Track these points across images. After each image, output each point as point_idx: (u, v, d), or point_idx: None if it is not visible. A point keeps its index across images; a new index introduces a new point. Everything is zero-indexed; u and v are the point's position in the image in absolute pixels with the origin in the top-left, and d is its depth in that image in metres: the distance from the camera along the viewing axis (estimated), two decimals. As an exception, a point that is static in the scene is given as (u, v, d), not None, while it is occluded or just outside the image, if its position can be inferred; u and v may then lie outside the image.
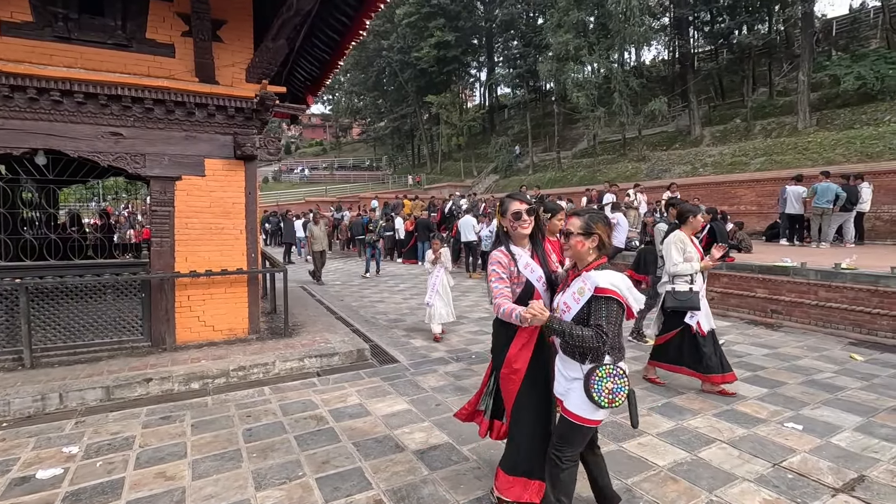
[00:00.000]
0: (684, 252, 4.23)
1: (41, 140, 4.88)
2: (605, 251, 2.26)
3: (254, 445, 3.45)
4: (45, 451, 3.41)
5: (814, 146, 16.58)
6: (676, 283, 4.28)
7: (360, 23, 6.12)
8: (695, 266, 4.20)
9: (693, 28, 26.28)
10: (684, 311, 4.27)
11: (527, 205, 2.48)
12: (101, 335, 5.22)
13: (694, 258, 4.22)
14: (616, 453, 3.25)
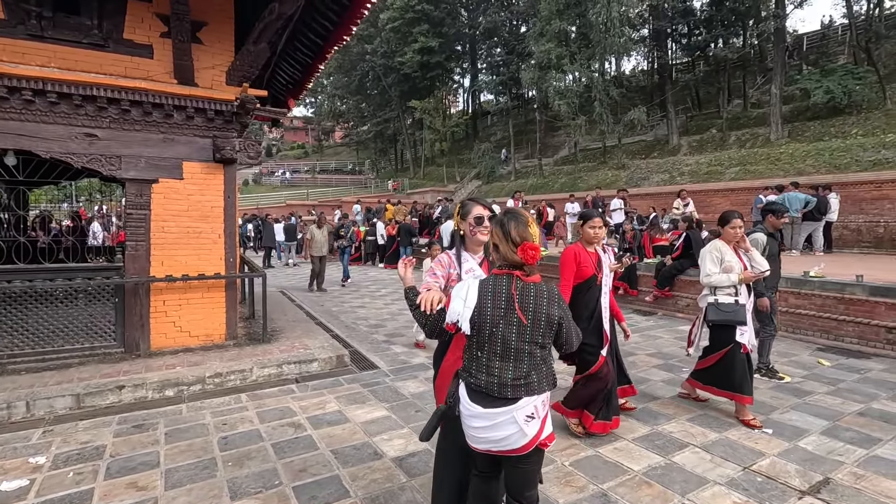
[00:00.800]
0: (721, 262, 3.89)
1: (11, 140, 4.74)
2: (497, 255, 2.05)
3: (229, 454, 3.40)
4: (11, 462, 3.30)
5: (785, 157, 17.12)
6: (720, 295, 3.89)
7: (344, 29, 6.13)
8: (732, 278, 3.83)
9: (671, 40, 26.95)
10: (731, 325, 3.83)
11: (489, 211, 2.35)
12: (71, 341, 5.08)
13: (735, 268, 3.86)
14: (592, 458, 3.30)
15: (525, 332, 1.88)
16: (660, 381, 4.89)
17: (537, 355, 1.91)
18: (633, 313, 8.34)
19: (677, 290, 8.09)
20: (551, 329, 1.91)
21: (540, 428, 1.90)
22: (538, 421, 1.89)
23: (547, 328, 1.89)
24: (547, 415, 1.95)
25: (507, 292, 1.89)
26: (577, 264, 3.55)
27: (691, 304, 7.86)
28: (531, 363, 1.90)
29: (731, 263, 3.88)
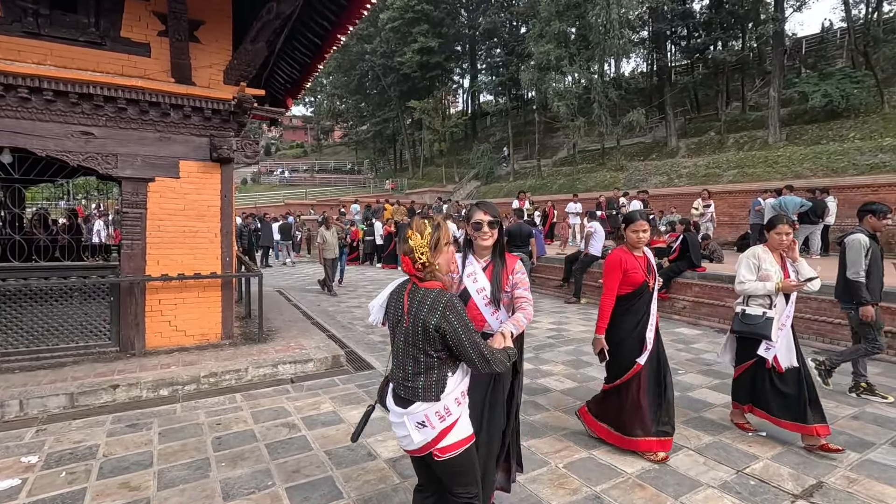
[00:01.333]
0: (759, 269, 3.56)
1: (7, 138, 4.72)
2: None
3: (223, 454, 3.39)
4: (3, 461, 3.29)
5: (783, 160, 17.16)
6: (750, 305, 3.59)
7: (342, 28, 6.12)
8: (768, 286, 3.48)
9: (670, 42, 27.01)
10: (755, 339, 3.55)
11: (490, 216, 2.36)
12: (66, 340, 5.07)
13: (772, 277, 3.50)
14: (586, 461, 3.30)
15: (409, 335, 1.90)
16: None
17: (421, 361, 1.89)
18: (629, 315, 8.34)
19: (674, 293, 8.10)
20: (428, 337, 1.84)
21: (434, 439, 1.89)
22: (430, 430, 1.89)
23: (424, 335, 1.85)
24: (446, 430, 1.90)
25: (402, 295, 1.96)
26: (623, 271, 3.29)
27: (688, 307, 7.88)
28: (416, 368, 1.90)
29: (768, 272, 3.53)
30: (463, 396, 1.98)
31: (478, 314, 2.38)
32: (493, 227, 2.38)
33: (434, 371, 1.90)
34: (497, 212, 2.41)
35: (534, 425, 3.86)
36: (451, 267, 2.03)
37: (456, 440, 1.91)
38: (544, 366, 5.47)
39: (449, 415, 1.90)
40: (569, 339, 6.69)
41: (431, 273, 1.91)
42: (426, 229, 1.90)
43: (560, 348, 6.19)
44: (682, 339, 6.73)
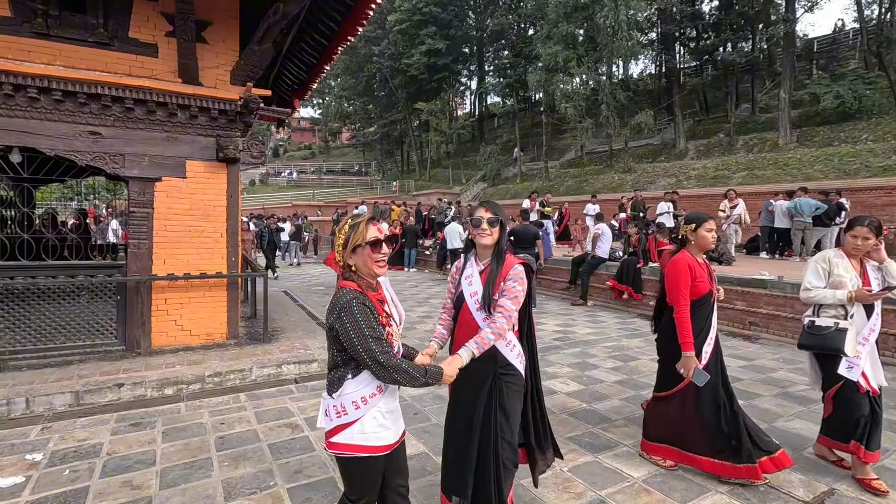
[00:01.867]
0: (830, 275, 3.08)
1: (16, 137, 4.77)
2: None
3: (226, 454, 3.38)
4: (7, 459, 3.30)
5: (794, 162, 16.97)
6: (819, 315, 3.15)
7: (349, 29, 6.13)
8: (839, 295, 3.00)
9: (679, 44, 26.84)
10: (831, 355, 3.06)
11: (491, 214, 2.28)
12: (73, 338, 5.10)
13: (846, 284, 3.02)
14: (592, 465, 3.25)
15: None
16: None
17: (331, 357, 1.91)
18: (636, 317, 8.27)
19: (682, 295, 8.00)
20: (332, 334, 1.81)
21: (330, 431, 1.88)
22: (329, 422, 1.88)
23: (329, 332, 1.84)
24: (339, 427, 1.85)
25: None
26: (692, 278, 2.99)
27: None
28: (330, 363, 1.93)
29: (842, 278, 3.04)
30: (364, 402, 1.84)
31: (470, 318, 2.32)
32: (493, 225, 2.29)
33: (338, 369, 1.87)
34: (500, 211, 2.34)
35: (538, 428, 3.81)
36: (373, 269, 1.86)
37: (346, 442, 1.83)
38: (550, 368, 5.42)
39: (344, 414, 1.83)
40: (575, 341, 6.63)
41: (348, 272, 1.87)
42: (345, 228, 1.86)
43: (566, 350, 6.13)
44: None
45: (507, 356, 2.32)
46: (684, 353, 2.97)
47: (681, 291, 2.99)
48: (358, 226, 1.84)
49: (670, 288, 3.08)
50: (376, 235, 1.83)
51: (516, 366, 2.35)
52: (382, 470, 1.93)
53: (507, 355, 2.32)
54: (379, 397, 1.87)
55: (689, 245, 3.12)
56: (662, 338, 3.28)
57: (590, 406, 4.30)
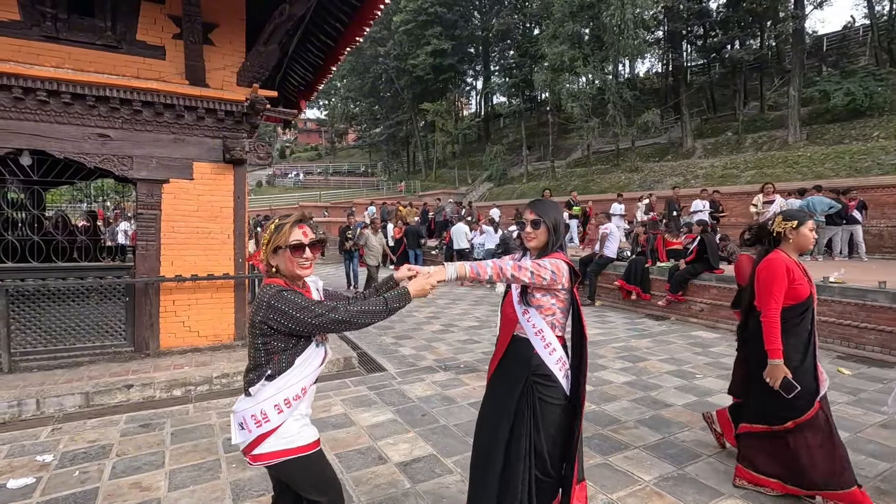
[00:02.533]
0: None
1: (26, 140, 4.80)
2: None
3: (234, 456, 3.37)
4: (18, 460, 3.32)
5: (804, 160, 16.77)
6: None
7: (356, 30, 6.13)
8: None
9: (686, 42, 26.64)
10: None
11: (534, 215, 2.16)
12: (82, 339, 5.12)
13: None
14: (602, 467, 3.21)
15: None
16: (672, 387, 4.77)
17: (251, 357, 1.81)
18: (645, 318, 8.20)
19: (690, 295, 7.93)
20: (258, 330, 1.74)
21: (251, 443, 1.76)
22: (248, 434, 1.76)
23: (253, 330, 1.77)
24: (260, 438, 1.74)
25: None
26: (789, 280, 2.71)
27: (705, 309, 7.70)
28: (249, 364, 1.83)
29: None
30: (287, 405, 1.76)
31: (511, 312, 2.20)
32: (536, 227, 2.14)
33: (259, 369, 1.77)
34: (546, 211, 2.16)
35: (547, 430, 3.78)
36: (295, 271, 1.80)
37: (271, 450, 1.75)
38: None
39: (266, 421, 1.74)
40: (583, 342, 6.58)
41: (271, 272, 1.83)
42: (271, 228, 1.81)
43: (574, 351, 6.09)
44: (700, 342, 6.57)
45: (545, 358, 2.07)
46: (771, 361, 2.69)
47: (773, 295, 2.71)
48: (282, 227, 1.78)
49: (762, 290, 2.77)
50: (299, 239, 1.77)
51: (556, 374, 2.07)
52: (328, 465, 1.90)
53: (543, 357, 2.08)
54: (302, 399, 1.80)
55: (784, 244, 2.82)
56: (756, 351, 2.84)
57: (598, 407, 4.26)
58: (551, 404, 2.09)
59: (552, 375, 2.08)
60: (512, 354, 2.20)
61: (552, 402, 2.09)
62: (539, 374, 2.09)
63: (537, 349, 2.08)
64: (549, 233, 2.15)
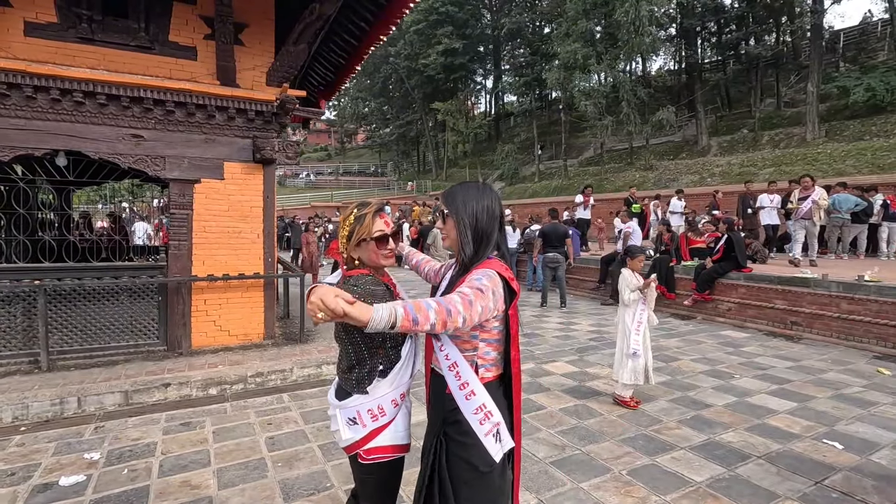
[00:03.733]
0: None
1: (62, 141, 4.85)
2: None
3: (278, 454, 3.38)
4: (66, 457, 3.35)
5: (823, 157, 16.53)
6: None
7: (382, 28, 6.12)
8: None
9: (700, 38, 26.37)
10: None
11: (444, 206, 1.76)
12: (117, 338, 5.17)
13: None
14: (650, 467, 3.17)
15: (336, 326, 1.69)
16: (710, 387, 4.71)
17: (351, 354, 1.68)
18: (670, 317, 8.12)
19: (717, 294, 7.84)
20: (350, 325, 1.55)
21: (362, 439, 1.66)
22: (361, 429, 1.66)
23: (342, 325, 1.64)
24: (377, 430, 1.65)
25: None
26: None
27: (733, 309, 7.61)
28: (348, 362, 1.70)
29: None
30: (402, 399, 1.71)
31: (428, 344, 1.70)
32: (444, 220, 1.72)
33: (363, 365, 1.66)
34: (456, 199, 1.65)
35: (590, 430, 3.74)
36: (380, 262, 1.72)
37: (386, 444, 1.67)
38: (591, 368, 5.34)
39: (382, 415, 1.66)
40: (611, 341, 6.51)
41: (352, 265, 1.75)
42: (350, 219, 1.72)
43: (604, 351, 6.03)
44: (730, 342, 6.49)
45: (459, 402, 1.54)
46: None
47: None
48: (363, 218, 1.68)
49: None
50: (383, 230, 1.68)
51: (471, 424, 1.51)
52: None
53: (458, 400, 1.54)
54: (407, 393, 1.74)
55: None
56: None
57: (638, 407, 4.21)
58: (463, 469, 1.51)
59: (468, 429, 1.52)
60: (431, 395, 1.72)
61: (464, 466, 1.51)
62: (452, 422, 1.56)
63: (452, 388, 1.56)
64: (461, 229, 1.60)
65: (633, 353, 4.15)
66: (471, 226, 1.59)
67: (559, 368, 5.35)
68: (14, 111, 4.64)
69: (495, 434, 1.51)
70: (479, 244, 1.59)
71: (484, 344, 1.57)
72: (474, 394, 1.52)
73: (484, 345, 1.57)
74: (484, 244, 1.60)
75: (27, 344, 4.83)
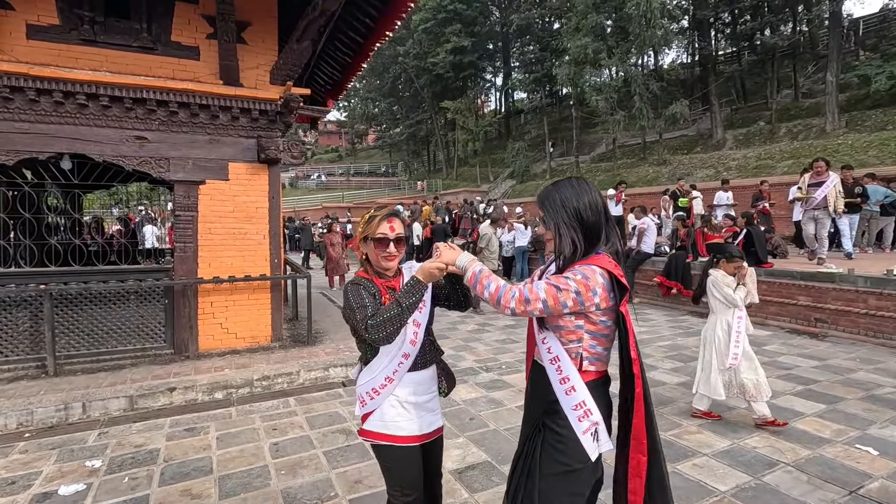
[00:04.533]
0: None
1: (66, 144, 4.82)
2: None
3: (282, 461, 3.28)
4: (68, 465, 3.28)
5: (844, 148, 16.04)
6: None
7: (387, 24, 6.01)
8: None
9: (714, 30, 25.85)
10: None
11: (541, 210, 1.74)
12: (124, 342, 5.13)
13: None
14: (672, 476, 2.97)
15: None
16: (731, 389, 4.49)
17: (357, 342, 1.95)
18: (687, 315, 7.89)
19: (737, 291, 7.56)
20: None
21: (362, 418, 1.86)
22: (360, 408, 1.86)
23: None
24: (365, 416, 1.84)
25: None
26: None
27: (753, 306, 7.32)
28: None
29: None
30: (375, 393, 1.80)
31: (531, 334, 1.72)
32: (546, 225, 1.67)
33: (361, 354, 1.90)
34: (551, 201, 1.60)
35: (605, 435, 3.57)
36: (379, 262, 1.80)
37: (371, 430, 1.82)
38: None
39: (362, 405, 1.84)
40: (626, 340, 6.33)
41: (363, 261, 1.89)
42: (366, 217, 1.86)
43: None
44: (752, 340, 6.20)
45: (559, 397, 1.53)
46: None
47: None
48: (374, 218, 1.82)
49: None
50: (385, 234, 1.78)
51: (570, 419, 1.50)
52: (416, 467, 1.84)
53: (559, 395, 1.53)
54: (391, 387, 1.80)
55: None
56: None
57: (656, 409, 4.03)
58: (556, 461, 1.50)
59: (566, 420, 1.51)
60: (531, 385, 1.73)
61: (558, 458, 1.50)
62: (552, 413, 1.54)
63: (552, 382, 1.55)
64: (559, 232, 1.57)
65: (729, 367, 3.74)
66: (575, 226, 1.55)
67: (573, 369, 5.18)
68: (17, 114, 4.62)
69: (593, 433, 1.50)
70: (588, 241, 1.56)
71: (589, 336, 1.54)
72: (574, 389, 1.50)
73: (589, 337, 1.54)
74: (593, 240, 1.56)
75: (34, 349, 4.81)
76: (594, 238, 1.56)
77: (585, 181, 1.63)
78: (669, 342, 6.20)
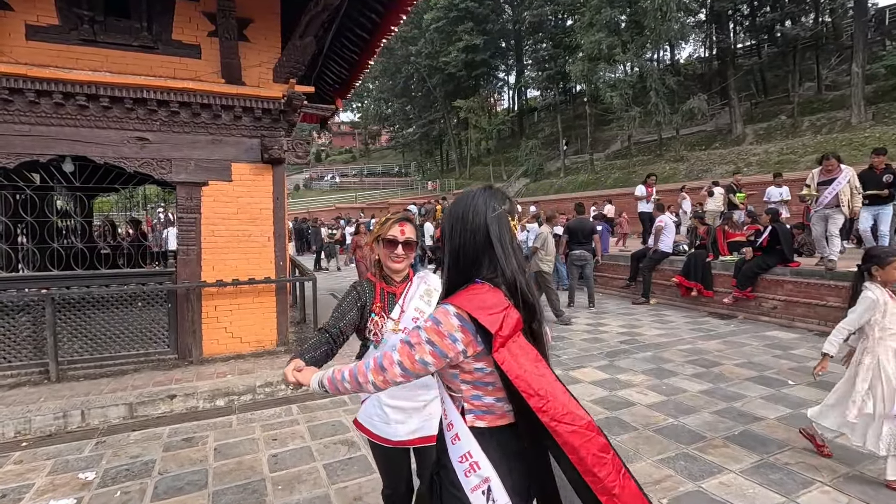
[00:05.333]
0: None
1: (67, 146, 4.74)
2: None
3: (279, 475, 3.12)
4: (61, 477, 3.17)
5: (871, 141, 15.41)
6: None
7: (392, 19, 5.84)
8: None
9: (733, 22, 25.19)
10: None
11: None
12: (127, 347, 5.04)
13: None
14: (695, 495, 2.76)
15: None
16: (758, 397, 4.22)
17: None
18: (708, 316, 7.57)
19: (761, 291, 7.24)
20: None
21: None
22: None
23: None
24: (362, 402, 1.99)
25: None
26: None
27: (779, 307, 7.01)
28: None
29: None
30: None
31: None
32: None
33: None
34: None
35: (622, 447, 3.35)
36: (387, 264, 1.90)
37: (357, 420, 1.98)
38: (622, 375, 4.90)
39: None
40: (645, 344, 6.06)
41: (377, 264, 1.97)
42: (382, 219, 1.96)
43: (636, 355, 5.59)
44: (778, 343, 5.93)
45: (447, 443, 1.30)
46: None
47: None
48: (388, 221, 1.90)
49: None
50: (395, 236, 1.85)
51: (457, 472, 1.25)
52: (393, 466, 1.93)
53: (446, 440, 1.31)
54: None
55: None
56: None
57: (677, 421, 3.78)
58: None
59: (455, 478, 1.26)
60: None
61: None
62: (443, 465, 1.32)
63: (442, 428, 1.36)
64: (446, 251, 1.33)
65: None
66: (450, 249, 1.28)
67: (587, 375, 4.94)
68: (18, 116, 4.55)
69: (485, 491, 1.21)
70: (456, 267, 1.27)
71: (469, 387, 1.25)
72: (459, 438, 1.25)
73: (469, 387, 1.25)
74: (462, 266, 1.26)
75: (37, 354, 4.75)
76: (467, 264, 1.26)
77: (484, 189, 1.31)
78: (690, 346, 5.91)
